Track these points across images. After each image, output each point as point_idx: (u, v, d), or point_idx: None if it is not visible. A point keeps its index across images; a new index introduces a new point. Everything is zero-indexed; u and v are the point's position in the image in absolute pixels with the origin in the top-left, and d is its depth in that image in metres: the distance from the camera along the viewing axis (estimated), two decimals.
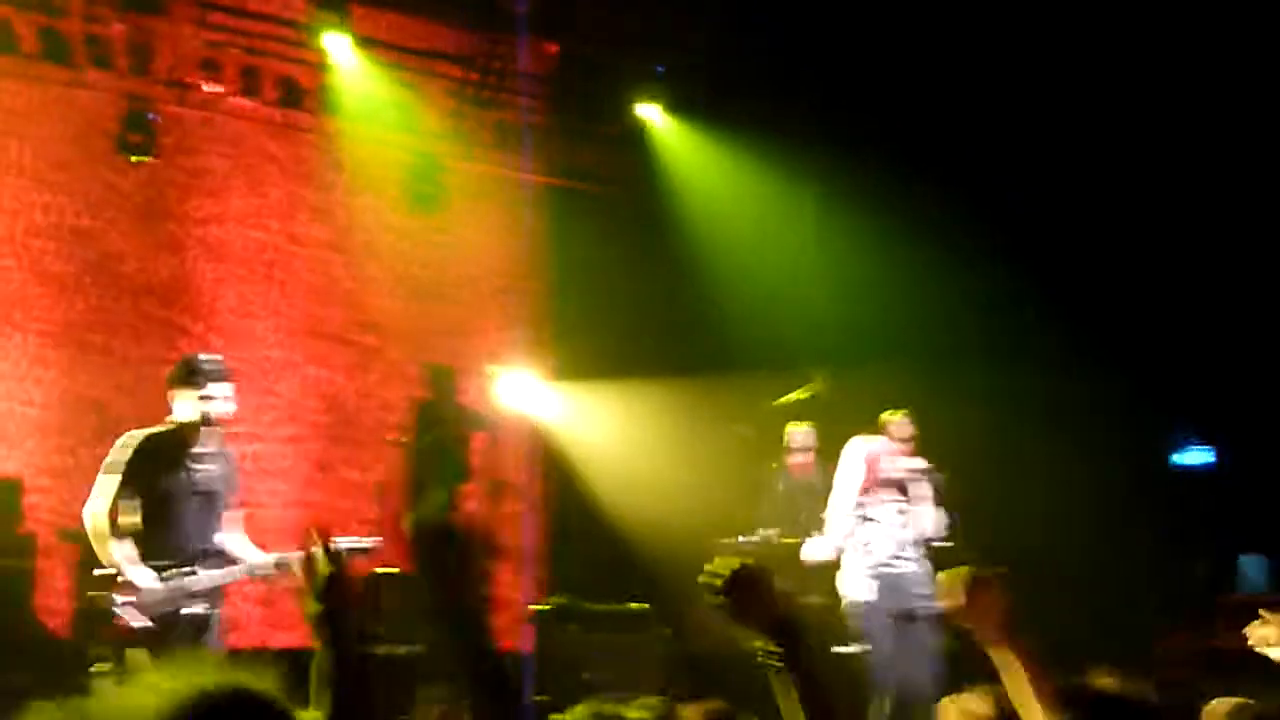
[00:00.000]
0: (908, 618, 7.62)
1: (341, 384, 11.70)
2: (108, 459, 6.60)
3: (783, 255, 12.13)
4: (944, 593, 3.29)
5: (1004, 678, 3.21)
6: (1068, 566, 10.00)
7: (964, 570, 3.35)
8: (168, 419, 6.57)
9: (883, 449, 7.79)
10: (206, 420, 6.41)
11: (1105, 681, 3.27)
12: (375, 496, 11.33)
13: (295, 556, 6.45)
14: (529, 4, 11.45)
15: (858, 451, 7.81)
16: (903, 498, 7.82)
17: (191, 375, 6.45)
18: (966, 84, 10.93)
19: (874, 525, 7.68)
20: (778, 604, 2.81)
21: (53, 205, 10.61)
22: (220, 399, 6.42)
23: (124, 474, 6.34)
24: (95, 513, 6.32)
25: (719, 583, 2.78)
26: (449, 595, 3.13)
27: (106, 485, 6.36)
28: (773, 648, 2.76)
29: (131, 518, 6.32)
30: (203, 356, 6.77)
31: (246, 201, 11.42)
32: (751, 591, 2.78)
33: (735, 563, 2.86)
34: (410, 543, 10.00)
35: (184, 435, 6.48)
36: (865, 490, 7.78)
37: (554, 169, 12.45)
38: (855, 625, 7.66)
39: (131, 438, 6.44)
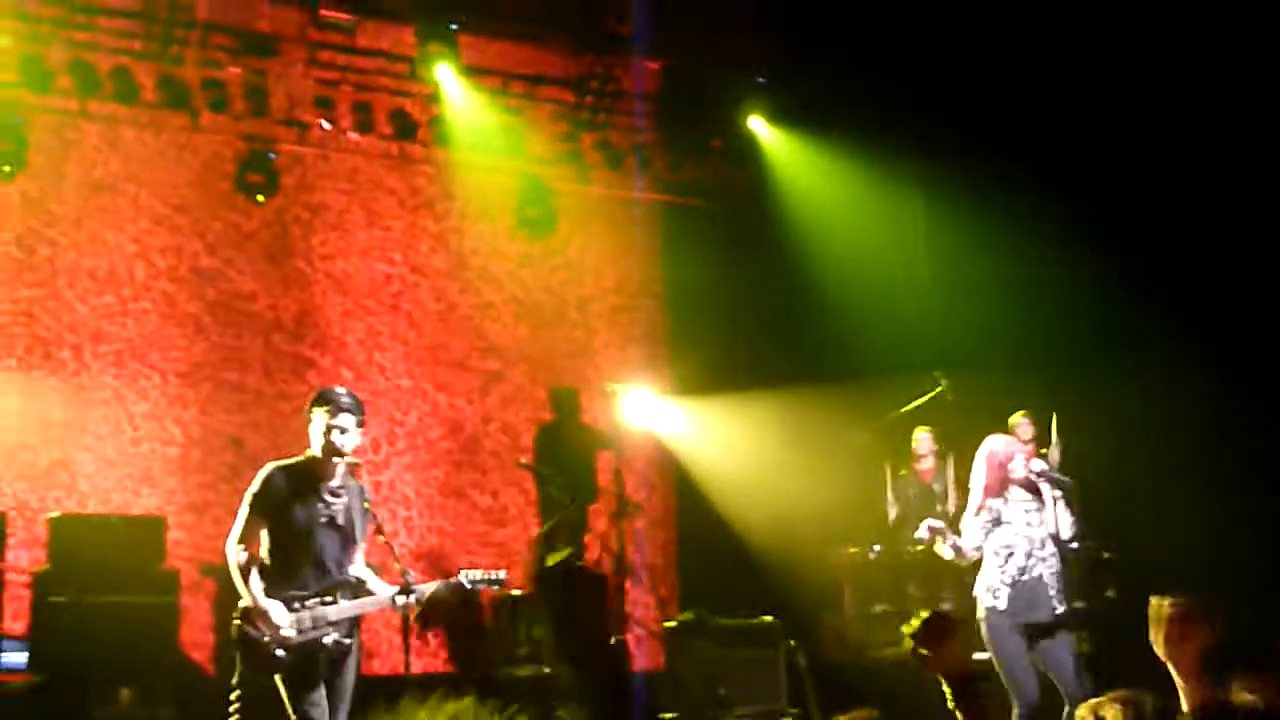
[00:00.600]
0: (1043, 628, 7.52)
1: (463, 409, 11.88)
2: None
3: (894, 262, 12.07)
4: (1153, 620, 3.24)
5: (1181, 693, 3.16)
6: (1193, 567, 9.80)
7: (1171, 600, 3.28)
8: (305, 453, 6.69)
9: (1013, 449, 7.69)
10: (334, 451, 6.47)
11: (1246, 698, 3.21)
12: (500, 520, 11.53)
13: (429, 588, 6.60)
14: (631, 24, 11.52)
15: (987, 452, 7.72)
16: (1033, 498, 7.71)
17: (321, 406, 6.54)
18: (1074, 81, 10.75)
19: (1007, 528, 7.59)
20: (959, 653, 2.86)
21: (173, 247, 11.01)
22: (350, 430, 6.49)
23: (250, 505, 6.46)
24: (228, 544, 6.47)
25: (914, 632, 2.82)
26: (573, 633, 3.27)
27: (238, 518, 6.51)
28: (950, 690, 2.81)
29: (260, 548, 6.44)
30: (333, 389, 6.87)
31: (369, 235, 11.77)
32: (942, 641, 2.83)
33: (926, 613, 2.89)
34: (538, 585, 10.14)
35: (316, 467, 6.53)
36: (996, 492, 7.68)
37: (663, 186, 12.60)
38: (989, 633, 7.57)
39: (264, 470, 6.56)
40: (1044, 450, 10.59)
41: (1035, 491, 7.55)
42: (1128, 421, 10.43)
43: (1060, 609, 7.43)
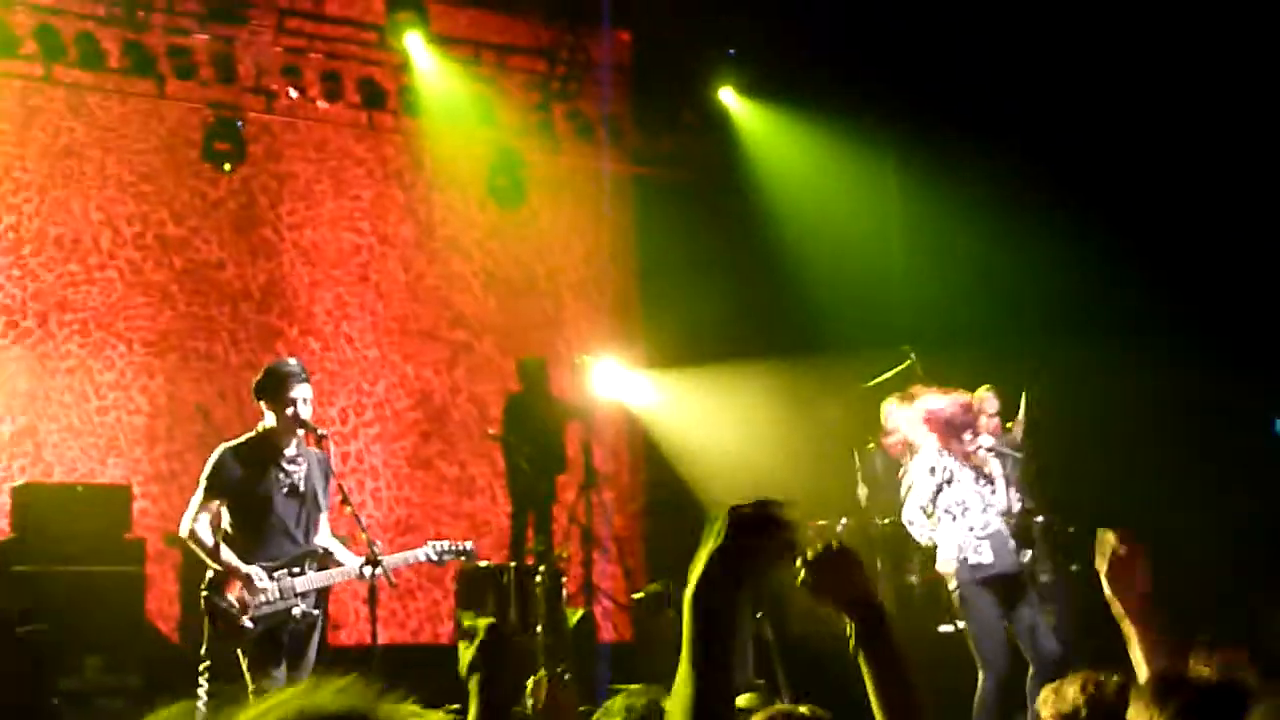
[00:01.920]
0: (1012, 588, 7.59)
1: (431, 380, 11.90)
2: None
3: (868, 233, 12.05)
4: (1097, 552, 3.27)
5: (1130, 651, 3.19)
6: (1170, 540, 9.88)
7: (1115, 533, 3.31)
8: (258, 426, 6.71)
9: (964, 415, 7.73)
10: (295, 423, 6.50)
11: (1203, 671, 3.24)
12: (468, 491, 11.55)
13: (396, 559, 6.64)
14: None
15: (925, 411, 7.78)
16: (981, 474, 7.77)
17: (275, 381, 6.57)
18: (1055, 49, 10.70)
19: (959, 486, 7.64)
20: (857, 584, 2.80)
21: (140, 215, 10.96)
22: (303, 401, 6.51)
23: (204, 488, 6.52)
24: (182, 527, 6.52)
25: (803, 559, 2.78)
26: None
27: (192, 501, 6.56)
28: (850, 627, 2.76)
29: (221, 523, 6.48)
30: (284, 361, 6.89)
31: (337, 204, 11.73)
32: (833, 569, 2.78)
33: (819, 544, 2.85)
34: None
35: (272, 440, 6.58)
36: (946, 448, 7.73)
37: (634, 158, 12.63)
38: (966, 600, 7.64)
39: (215, 453, 6.62)
40: (1009, 425, 10.68)
41: (981, 467, 7.62)
42: (1100, 399, 10.48)
43: (1025, 560, 7.53)
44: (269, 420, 6.53)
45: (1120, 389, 10.48)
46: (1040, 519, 10.04)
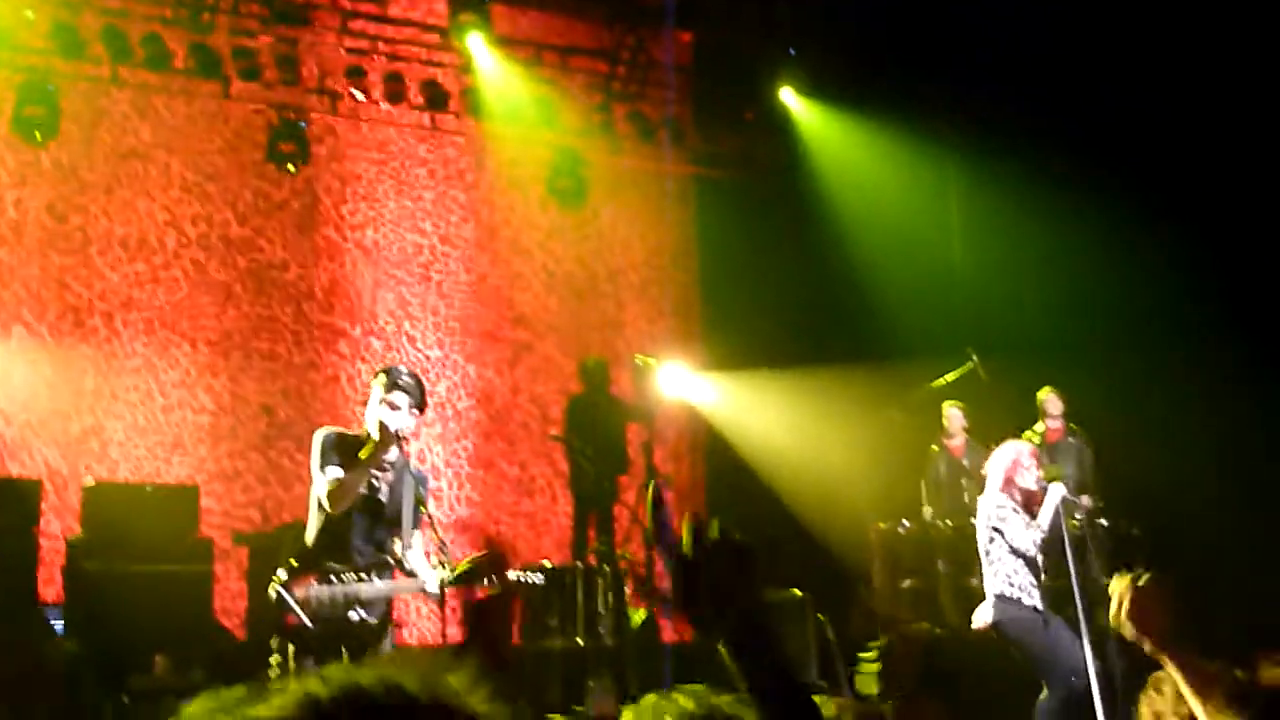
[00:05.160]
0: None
1: (493, 380, 12.03)
2: None
3: (929, 235, 12.14)
4: (1113, 599, 3.29)
5: (1179, 685, 3.22)
6: (1226, 548, 9.84)
7: (1130, 576, 3.32)
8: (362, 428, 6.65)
9: (1023, 457, 7.71)
10: (384, 429, 6.42)
11: (1276, 674, 3.25)
12: (529, 491, 11.64)
13: (456, 579, 6.59)
14: None
15: (1002, 459, 7.76)
16: (1029, 504, 7.78)
17: (379, 379, 6.50)
18: (1116, 44, 10.60)
19: (1014, 519, 7.65)
20: (740, 585, 2.47)
21: (204, 216, 11.14)
22: (402, 409, 6.43)
23: (320, 461, 6.42)
24: (312, 498, 6.42)
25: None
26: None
27: (313, 479, 6.47)
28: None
29: (310, 514, 6.44)
30: (398, 366, 6.84)
31: (399, 205, 11.91)
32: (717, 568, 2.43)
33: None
34: None
35: (364, 440, 6.51)
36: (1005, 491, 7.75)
37: (695, 159, 12.71)
38: (1021, 622, 7.64)
39: (319, 432, 6.52)
40: (1073, 426, 10.67)
41: (1033, 498, 7.62)
42: (1163, 405, 10.41)
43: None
44: (369, 421, 6.46)
45: (1186, 395, 10.42)
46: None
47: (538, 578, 7.08)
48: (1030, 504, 7.57)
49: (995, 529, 7.55)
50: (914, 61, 11.29)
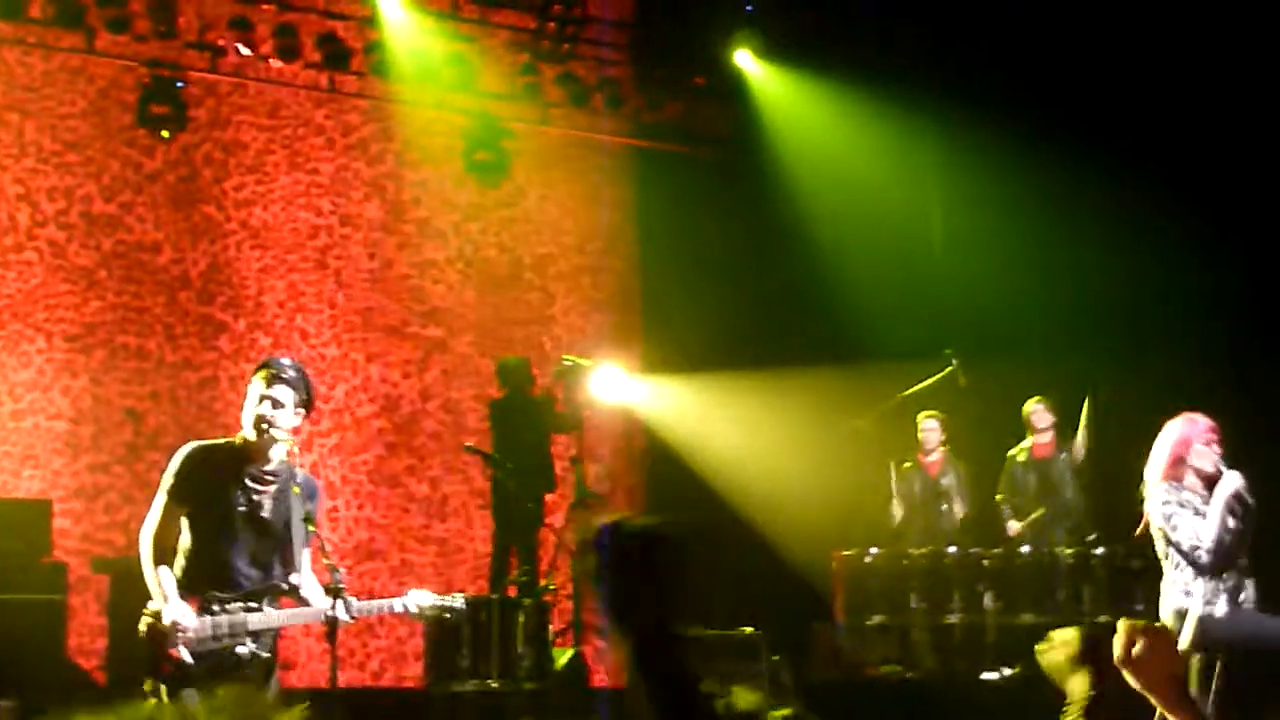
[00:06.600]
0: None
1: (399, 384, 11.84)
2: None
3: (904, 218, 12.03)
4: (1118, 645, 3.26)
5: None
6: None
7: (1135, 625, 3.35)
8: (238, 434, 6.51)
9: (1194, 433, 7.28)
10: (262, 424, 6.30)
11: None
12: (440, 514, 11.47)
13: (367, 606, 6.47)
14: None
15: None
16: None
17: (259, 372, 6.37)
18: (1105, 20, 10.68)
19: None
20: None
21: (64, 189, 10.92)
22: (286, 406, 6.29)
23: (167, 490, 6.30)
24: (142, 533, 6.33)
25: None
26: None
27: (154, 503, 6.36)
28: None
29: (181, 540, 6.30)
30: (280, 358, 6.65)
31: (292, 179, 11.68)
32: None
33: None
34: None
35: (246, 449, 6.39)
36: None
37: (636, 129, 12.49)
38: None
39: (184, 449, 6.40)
40: (1072, 437, 10.60)
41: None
42: (1160, 409, 10.40)
43: None
44: (245, 424, 6.31)
45: (1182, 397, 10.41)
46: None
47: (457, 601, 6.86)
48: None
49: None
50: (886, 21, 11.26)
